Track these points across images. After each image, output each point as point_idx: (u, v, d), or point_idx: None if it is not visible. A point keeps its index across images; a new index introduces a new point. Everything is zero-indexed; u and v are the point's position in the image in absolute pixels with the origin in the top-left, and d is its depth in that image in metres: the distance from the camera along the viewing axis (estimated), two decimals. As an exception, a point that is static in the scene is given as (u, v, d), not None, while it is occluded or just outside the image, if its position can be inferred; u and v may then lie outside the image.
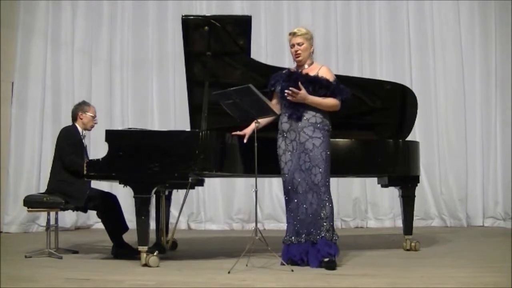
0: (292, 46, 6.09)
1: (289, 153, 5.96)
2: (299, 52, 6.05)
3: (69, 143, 6.94)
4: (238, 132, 6.20)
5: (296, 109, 5.91)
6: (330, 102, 5.94)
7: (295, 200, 5.90)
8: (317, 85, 5.92)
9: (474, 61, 10.60)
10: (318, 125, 5.90)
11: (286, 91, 5.86)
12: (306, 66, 6.08)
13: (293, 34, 6.09)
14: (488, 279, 5.12)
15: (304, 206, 5.84)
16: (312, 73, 6.00)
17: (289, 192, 5.96)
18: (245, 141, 6.12)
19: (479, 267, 5.84)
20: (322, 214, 5.77)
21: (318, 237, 5.75)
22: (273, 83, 6.16)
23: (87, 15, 10.99)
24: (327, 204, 5.79)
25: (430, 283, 5.08)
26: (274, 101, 6.14)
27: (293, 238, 5.91)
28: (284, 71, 6.23)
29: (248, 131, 6.15)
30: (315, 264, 5.74)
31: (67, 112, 8.65)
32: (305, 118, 5.90)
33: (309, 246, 5.81)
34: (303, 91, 5.83)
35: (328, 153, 5.87)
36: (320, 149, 5.83)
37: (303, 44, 6.04)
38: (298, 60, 6.09)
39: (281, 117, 6.05)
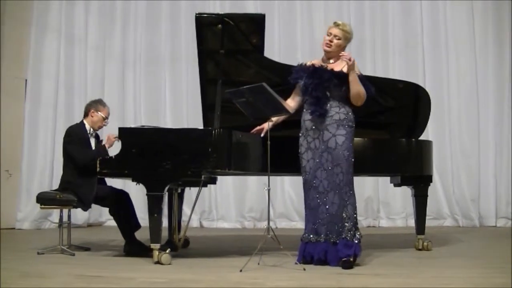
0: (329, 34, 5.95)
1: (311, 151, 5.89)
2: (331, 43, 5.92)
3: (73, 140, 6.90)
4: (256, 128, 6.17)
5: (320, 106, 5.83)
6: (363, 90, 5.85)
7: (316, 199, 5.83)
8: (343, 79, 5.81)
9: (487, 60, 10.56)
10: (343, 121, 5.83)
11: (342, 54, 5.78)
12: (331, 61, 5.99)
13: (336, 25, 5.96)
14: (500, 280, 5.09)
15: (326, 206, 5.78)
16: (336, 69, 5.90)
17: (310, 191, 5.88)
18: (262, 134, 6.09)
19: (491, 267, 5.82)
20: (344, 215, 5.73)
21: (339, 237, 5.72)
22: (296, 77, 6.04)
23: (100, 12, 11.02)
24: (349, 204, 5.76)
25: (442, 283, 5.06)
26: (297, 96, 6.09)
27: (311, 236, 5.85)
28: (307, 65, 6.05)
29: (266, 125, 6.07)
30: (334, 263, 5.70)
31: (80, 109, 8.67)
32: (329, 115, 5.82)
33: (329, 245, 5.75)
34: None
35: (351, 152, 5.82)
36: (343, 147, 5.77)
37: (339, 38, 5.93)
38: (326, 50, 5.96)
39: (304, 114, 5.98)
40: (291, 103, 6.13)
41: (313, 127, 5.89)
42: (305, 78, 5.95)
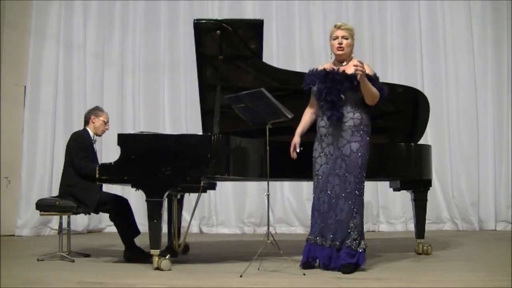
0: (335, 38, 5.91)
1: (325, 156, 5.84)
2: (342, 46, 5.89)
3: (80, 147, 6.94)
4: (292, 148, 6.06)
5: (337, 109, 5.76)
6: (376, 91, 5.76)
7: (327, 204, 5.78)
8: (356, 80, 5.68)
9: (486, 63, 10.54)
10: (357, 127, 5.78)
11: (355, 65, 5.57)
12: (344, 63, 5.93)
13: (338, 27, 5.92)
14: (500, 283, 5.11)
15: (335, 212, 5.72)
16: (348, 71, 5.78)
17: (321, 195, 5.81)
18: (297, 150, 6.02)
19: (491, 271, 5.83)
20: (351, 224, 5.68)
21: (343, 245, 5.68)
22: (308, 83, 5.98)
23: (99, 18, 10.99)
24: (358, 214, 5.71)
25: (443, 287, 5.07)
26: (313, 103, 6.05)
27: (318, 238, 5.81)
28: (319, 70, 5.98)
29: (296, 139, 6.06)
30: (337, 269, 5.68)
31: (79, 115, 8.67)
32: (343, 121, 5.77)
33: (333, 251, 5.72)
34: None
35: (364, 160, 5.76)
36: (357, 154, 5.71)
37: (347, 38, 5.90)
38: (339, 54, 5.92)
39: (318, 120, 5.95)
40: (310, 110, 6.13)
41: (328, 134, 5.85)
42: (318, 84, 5.88)
